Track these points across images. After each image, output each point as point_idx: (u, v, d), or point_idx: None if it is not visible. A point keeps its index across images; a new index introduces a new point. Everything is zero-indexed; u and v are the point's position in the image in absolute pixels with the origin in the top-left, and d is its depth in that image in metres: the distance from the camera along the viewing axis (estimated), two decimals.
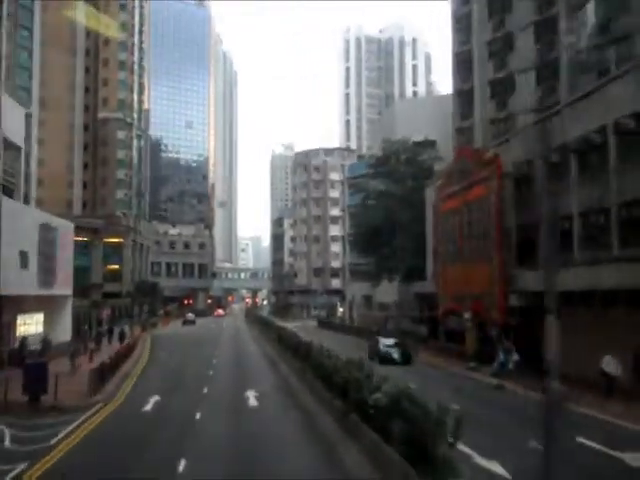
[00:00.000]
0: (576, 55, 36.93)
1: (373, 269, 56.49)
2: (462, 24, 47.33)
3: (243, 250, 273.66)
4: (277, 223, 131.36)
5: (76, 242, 79.29)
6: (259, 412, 18.32)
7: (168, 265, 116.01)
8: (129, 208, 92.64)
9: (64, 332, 33.32)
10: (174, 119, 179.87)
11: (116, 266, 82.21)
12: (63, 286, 33.53)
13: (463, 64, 46.95)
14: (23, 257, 26.13)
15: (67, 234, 34.82)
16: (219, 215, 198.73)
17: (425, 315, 44.24)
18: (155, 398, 20.67)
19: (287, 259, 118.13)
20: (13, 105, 29.14)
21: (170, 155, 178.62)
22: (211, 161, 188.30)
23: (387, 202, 50.11)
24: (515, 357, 24.36)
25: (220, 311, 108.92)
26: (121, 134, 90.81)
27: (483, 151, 30.85)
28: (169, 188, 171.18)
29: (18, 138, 28.40)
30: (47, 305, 32.36)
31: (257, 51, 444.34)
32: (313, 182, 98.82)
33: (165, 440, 14.99)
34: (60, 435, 15.07)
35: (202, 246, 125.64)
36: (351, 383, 13.24)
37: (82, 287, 71.92)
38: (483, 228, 28.90)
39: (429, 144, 51.63)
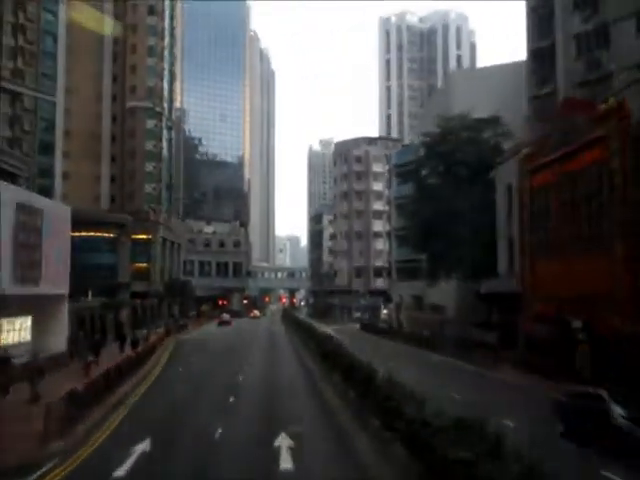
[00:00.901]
0: None
1: (427, 266, 48.92)
2: None
3: (281, 250, 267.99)
4: (315, 220, 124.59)
5: (102, 238, 74.79)
6: None
7: (201, 264, 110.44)
8: (159, 203, 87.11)
9: (58, 340, 26.90)
10: (208, 115, 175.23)
11: (144, 264, 76.92)
12: (54, 283, 27.04)
13: (540, 18, 39.08)
14: None
15: (60, 220, 28.26)
16: (256, 214, 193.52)
17: (496, 320, 36.59)
18: (142, 447, 13.84)
19: (326, 258, 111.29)
20: None
21: (205, 151, 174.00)
22: (247, 158, 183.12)
23: (446, 188, 42.57)
24: None
25: (256, 312, 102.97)
26: (150, 124, 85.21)
27: (595, 103, 23.17)
28: (204, 185, 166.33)
29: None
30: (34, 307, 26.01)
31: (294, 47, 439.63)
32: (355, 173, 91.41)
33: None
34: None
35: (237, 244, 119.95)
36: None
37: (108, 286, 66.80)
38: (598, 205, 21.28)
39: (493, 121, 43.75)
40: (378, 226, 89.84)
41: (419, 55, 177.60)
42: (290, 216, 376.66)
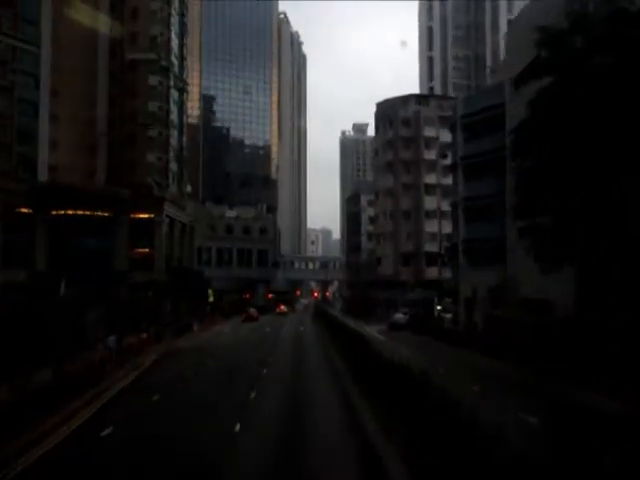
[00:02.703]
0: None
1: (533, 242, 32.11)
2: None
3: (312, 242, 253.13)
4: (352, 201, 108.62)
5: (94, 218, 60.00)
6: None
7: (219, 251, 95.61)
8: (165, 176, 72.49)
9: None
10: (233, 97, 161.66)
11: (147, 249, 62.53)
12: None
13: None
14: None
15: None
16: (286, 203, 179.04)
17: None
18: None
19: (365, 244, 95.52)
20: None
21: (229, 129, 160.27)
22: (275, 142, 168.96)
23: (577, 112, 26.08)
24: None
25: (282, 307, 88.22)
26: (153, 80, 70.38)
27: None
28: (227, 167, 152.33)
29: None
30: None
31: (326, 30, 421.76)
32: (402, 139, 74.95)
33: None
34: None
35: (264, 231, 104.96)
36: None
37: (101, 277, 52.54)
38: None
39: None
40: (431, 203, 73.65)
41: (465, 21, 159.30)
42: (322, 208, 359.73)
